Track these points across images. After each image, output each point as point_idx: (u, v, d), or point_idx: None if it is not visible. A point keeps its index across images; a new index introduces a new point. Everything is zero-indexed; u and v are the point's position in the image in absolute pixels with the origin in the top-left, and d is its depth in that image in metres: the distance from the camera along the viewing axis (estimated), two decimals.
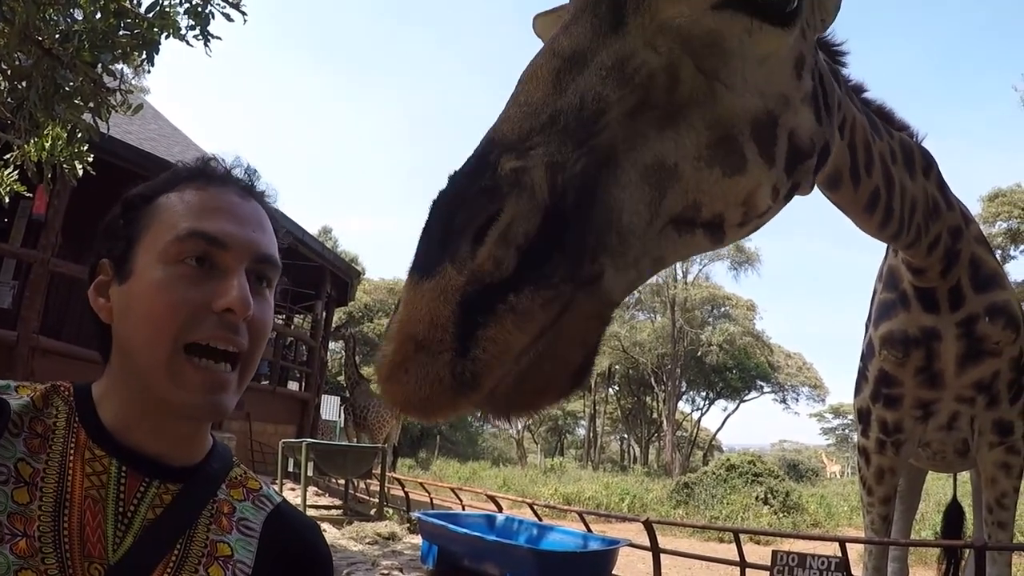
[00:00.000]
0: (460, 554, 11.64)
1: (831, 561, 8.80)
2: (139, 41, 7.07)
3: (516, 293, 1.23)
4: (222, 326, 1.47)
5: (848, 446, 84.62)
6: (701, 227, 1.66)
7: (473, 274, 1.22)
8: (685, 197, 1.58)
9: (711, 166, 1.62)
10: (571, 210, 1.33)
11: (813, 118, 1.99)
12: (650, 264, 1.55)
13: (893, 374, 5.00)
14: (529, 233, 1.26)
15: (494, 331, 1.21)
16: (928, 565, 15.79)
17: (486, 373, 1.22)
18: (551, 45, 1.57)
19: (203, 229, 1.49)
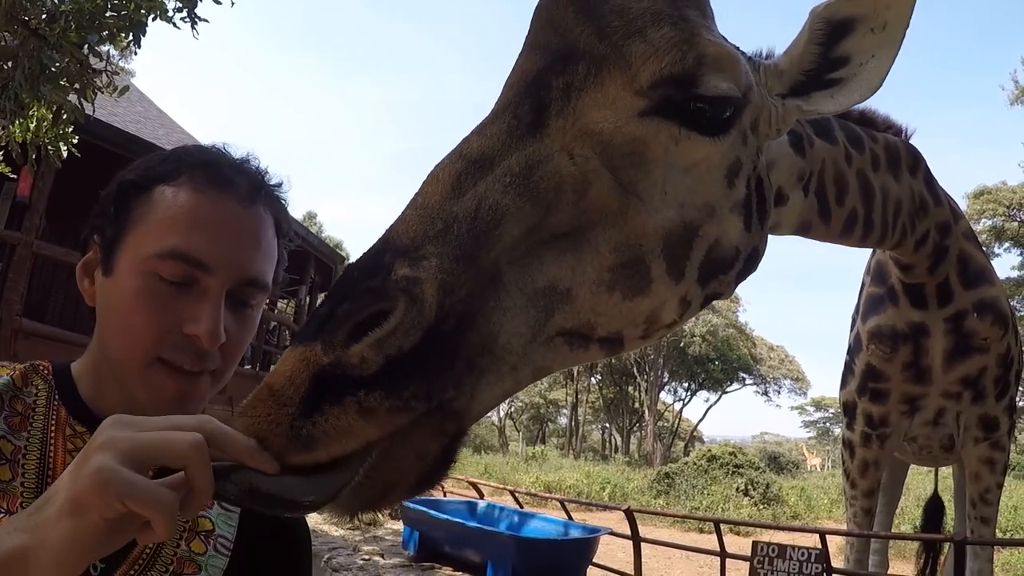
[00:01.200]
0: (441, 540, 11.65)
1: (811, 553, 8.83)
2: (126, 22, 7.03)
3: (367, 391, 1.21)
4: (190, 350, 1.47)
5: (829, 439, 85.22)
6: (596, 342, 1.57)
7: (338, 360, 1.21)
8: (577, 318, 1.49)
9: (611, 290, 1.51)
10: (449, 334, 1.30)
11: (741, 226, 1.81)
12: (530, 373, 1.47)
13: (880, 368, 5.01)
14: (404, 348, 1.24)
15: (338, 411, 1.21)
16: (906, 559, 15.88)
17: (321, 441, 1.21)
18: (460, 146, 1.52)
19: (187, 251, 1.45)
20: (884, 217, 3.52)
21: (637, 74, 1.58)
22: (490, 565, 10.36)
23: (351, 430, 1.21)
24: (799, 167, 2.60)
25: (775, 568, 8.96)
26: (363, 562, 11.46)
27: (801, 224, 2.86)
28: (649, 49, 1.59)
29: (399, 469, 1.31)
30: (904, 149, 3.86)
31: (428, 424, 1.29)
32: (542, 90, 1.55)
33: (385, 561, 11.70)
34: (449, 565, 11.42)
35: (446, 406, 1.31)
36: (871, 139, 3.51)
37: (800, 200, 2.70)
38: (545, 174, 1.47)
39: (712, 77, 1.64)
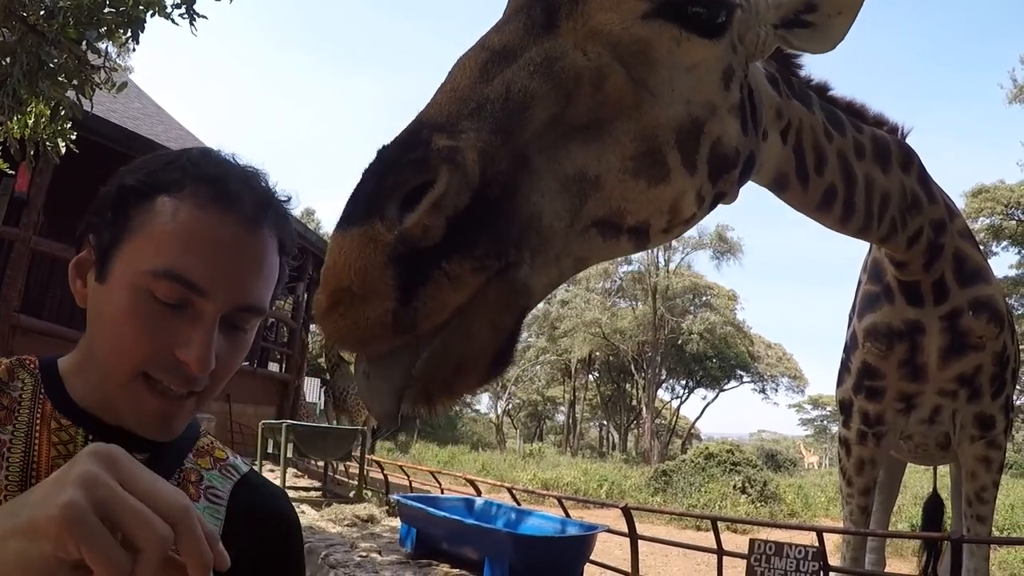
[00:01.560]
0: (439, 537, 11.64)
1: (808, 551, 8.82)
2: (124, 18, 7.02)
3: (447, 260, 1.28)
4: (179, 372, 1.43)
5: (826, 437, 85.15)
6: (626, 233, 1.71)
7: (402, 235, 1.26)
8: (608, 205, 1.63)
9: (636, 177, 1.66)
10: (496, 202, 1.38)
11: (739, 128, 2.04)
12: (572, 264, 1.61)
13: (876, 366, 5.02)
14: (459, 207, 1.30)
15: (432, 290, 1.27)
16: (904, 557, 15.93)
17: (422, 322, 1.28)
18: (481, 41, 1.62)
19: (183, 273, 1.40)
20: (868, 205, 3.54)
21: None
22: (487, 562, 10.35)
23: (447, 302, 1.30)
24: (776, 102, 2.76)
25: (772, 566, 8.95)
26: (360, 559, 11.44)
27: (779, 175, 3.00)
28: None
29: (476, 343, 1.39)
30: (895, 145, 3.88)
31: (500, 293, 1.39)
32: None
33: (382, 558, 11.69)
34: (446, 562, 11.39)
35: (512, 274, 1.40)
36: (855, 128, 3.56)
37: (779, 144, 2.87)
38: (564, 66, 1.62)
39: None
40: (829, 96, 3.49)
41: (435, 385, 1.37)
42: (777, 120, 2.78)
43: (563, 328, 65.50)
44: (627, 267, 69.08)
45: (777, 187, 3.05)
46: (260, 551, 1.64)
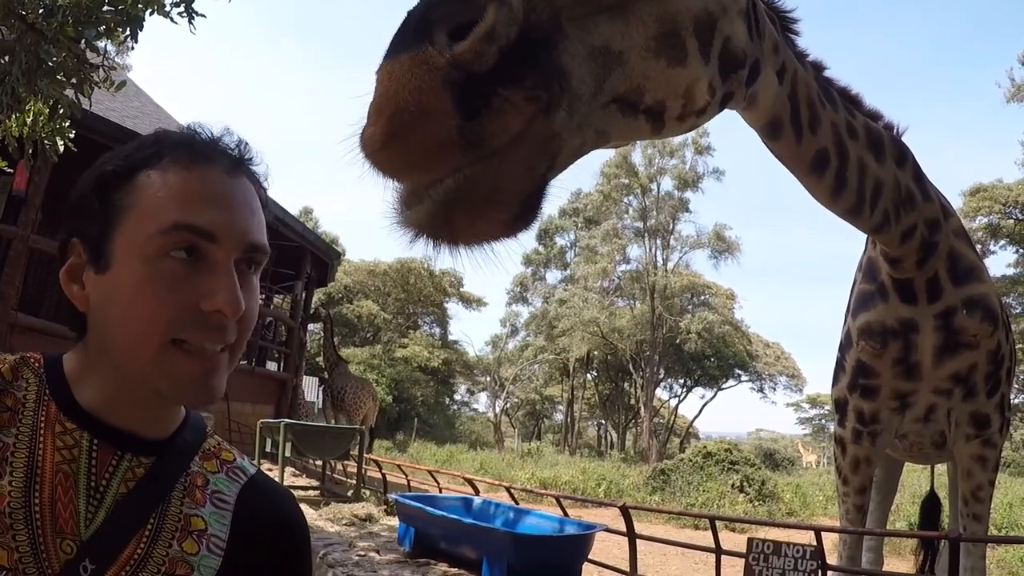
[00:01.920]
0: (437, 536, 11.65)
1: (806, 550, 8.83)
2: (123, 17, 7.01)
3: (503, 87, 1.34)
4: (210, 327, 1.42)
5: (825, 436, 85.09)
6: (643, 113, 1.80)
7: (455, 59, 1.29)
8: (629, 81, 1.72)
9: (657, 56, 1.76)
10: (538, 43, 1.44)
11: (746, 32, 2.19)
12: (594, 135, 1.68)
13: (870, 365, 5.03)
14: (509, 38, 1.35)
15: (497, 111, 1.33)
16: (902, 556, 15.93)
17: (491, 137, 1.33)
18: None
19: (191, 222, 1.41)
20: (861, 186, 3.58)
21: None
22: (486, 561, 10.35)
23: (508, 124, 1.35)
24: (774, 36, 2.86)
25: (770, 565, 8.96)
26: (358, 558, 11.45)
27: (774, 117, 3.07)
28: None
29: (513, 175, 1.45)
30: (889, 139, 3.91)
31: (540, 131, 1.44)
32: None
33: (380, 557, 11.70)
34: (444, 561, 11.41)
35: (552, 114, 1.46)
36: (848, 112, 3.61)
37: (775, 83, 2.93)
38: None
39: None
40: (825, 76, 3.53)
41: (463, 208, 1.40)
42: (774, 54, 2.84)
43: (561, 327, 65.40)
44: (625, 266, 69.19)
45: (771, 131, 3.11)
46: (267, 556, 1.62)
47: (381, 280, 71.31)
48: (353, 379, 30.72)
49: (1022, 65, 45.71)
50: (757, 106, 2.86)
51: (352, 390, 29.98)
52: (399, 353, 66.84)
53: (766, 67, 2.72)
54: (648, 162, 63.67)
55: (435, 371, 69.62)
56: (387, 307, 71.38)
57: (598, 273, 68.55)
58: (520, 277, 76.19)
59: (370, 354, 62.88)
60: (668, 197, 66.41)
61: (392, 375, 61.30)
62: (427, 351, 68.95)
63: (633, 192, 67.70)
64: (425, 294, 73.49)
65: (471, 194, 1.39)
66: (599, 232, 68.33)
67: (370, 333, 70.82)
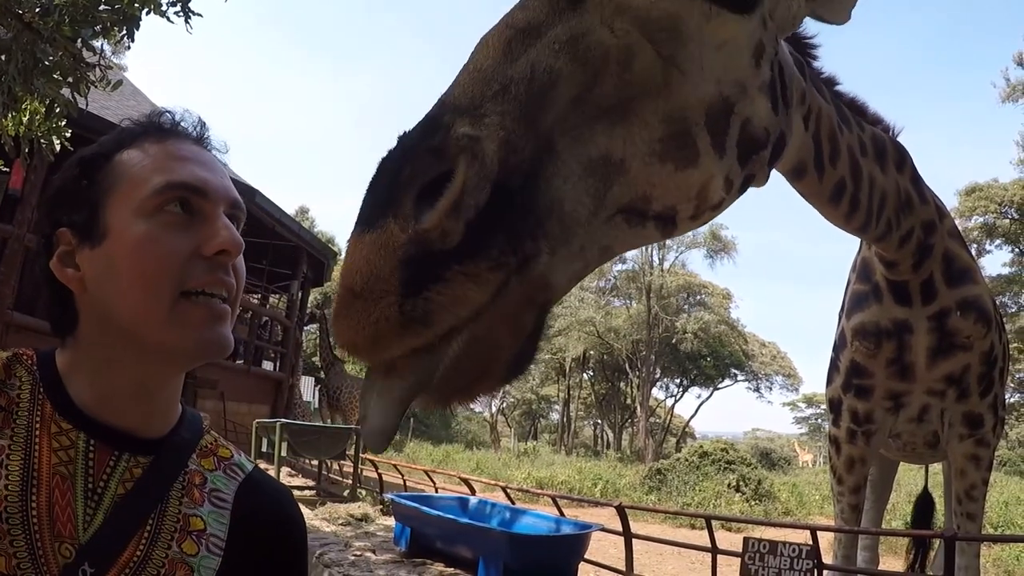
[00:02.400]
0: (433, 536, 11.63)
1: (802, 549, 8.84)
2: (120, 16, 7.01)
3: (459, 262, 1.23)
4: (214, 270, 1.45)
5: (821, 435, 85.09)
6: (652, 219, 1.64)
7: (418, 236, 1.22)
8: (634, 191, 1.56)
9: (663, 161, 1.59)
10: (516, 191, 1.32)
11: (769, 107, 1.97)
12: (598, 253, 1.54)
13: (864, 365, 5.04)
14: (479, 205, 1.25)
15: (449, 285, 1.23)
16: (898, 555, 15.91)
17: (438, 312, 1.22)
18: (505, 19, 1.56)
19: (180, 179, 1.47)
20: (870, 203, 3.56)
21: None
22: (482, 561, 10.35)
23: (465, 297, 1.24)
24: (801, 85, 2.69)
25: (766, 564, 8.98)
26: (355, 558, 11.43)
27: (798, 162, 2.97)
28: None
29: (496, 347, 1.34)
30: (891, 144, 3.90)
31: (518, 292, 1.32)
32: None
33: (376, 557, 11.68)
34: (441, 561, 11.38)
35: (531, 266, 1.33)
36: (859, 126, 3.57)
37: (801, 130, 2.82)
38: (591, 44, 1.52)
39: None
40: (836, 91, 3.50)
41: (452, 390, 1.33)
42: (800, 105, 2.73)
43: (557, 327, 65.36)
44: (621, 266, 69.14)
45: (795, 175, 3.04)
46: (266, 554, 1.63)
47: None
48: (349, 379, 30.77)
49: (1017, 65, 45.84)
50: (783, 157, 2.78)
51: (348, 389, 30.02)
52: None
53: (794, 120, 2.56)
54: None
55: None
56: None
57: (594, 273, 68.44)
58: None
59: None
60: None
61: None
62: None
63: None
64: None
65: (455, 378, 1.30)
66: None
67: None
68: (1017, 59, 45.50)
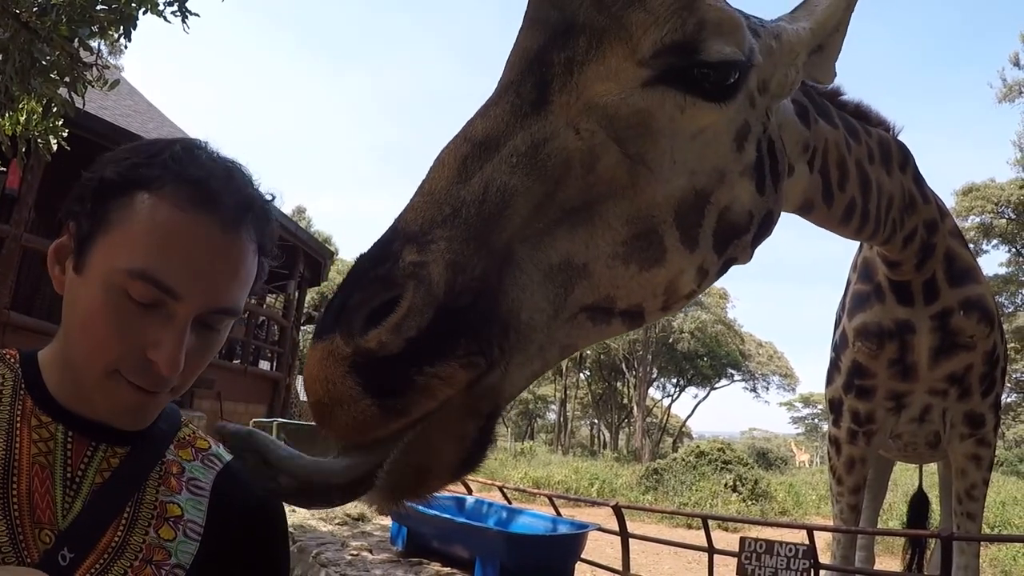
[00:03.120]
0: (429, 536, 11.64)
1: (799, 548, 8.86)
2: (117, 16, 7.00)
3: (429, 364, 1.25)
4: (149, 372, 1.45)
5: (817, 435, 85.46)
6: (618, 316, 1.59)
7: (358, 349, 1.23)
8: (597, 292, 1.51)
9: (626, 263, 1.54)
10: (466, 309, 1.31)
11: (753, 190, 1.85)
12: (558, 352, 1.51)
13: (866, 365, 5.02)
14: (421, 327, 1.25)
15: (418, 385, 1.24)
16: (894, 555, 15.95)
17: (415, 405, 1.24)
18: (464, 130, 1.52)
19: (158, 276, 1.42)
20: (878, 210, 3.54)
21: (638, 44, 1.58)
22: (478, 561, 10.36)
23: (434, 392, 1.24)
24: (804, 137, 2.60)
25: (763, 564, 8.99)
26: (351, 557, 11.44)
27: (805, 202, 2.89)
28: (649, 18, 1.58)
29: (437, 452, 1.33)
30: (895, 145, 3.88)
31: (460, 404, 1.30)
32: (544, 67, 1.55)
33: (373, 557, 11.69)
34: (437, 561, 11.41)
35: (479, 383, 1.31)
36: (866, 133, 3.53)
37: (805, 175, 2.73)
38: (552, 151, 1.47)
39: (714, 42, 1.64)
40: (840, 101, 3.47)
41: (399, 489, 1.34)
42: (803, 154, 2.63)
43: None
44: None
45: (803, 211, 2.98)
46: (244, 540, 1.67)
47: None
48: None
49: (1014, 66, 45.94)
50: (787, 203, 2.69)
51: None
52: None
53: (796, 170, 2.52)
54: None
55: None
56: None
57: None
58: None
59: None
60: None
61: None
62: None
63: None
64: None
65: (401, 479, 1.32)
66: None
67: None
68: (1014, 59, 45.63)
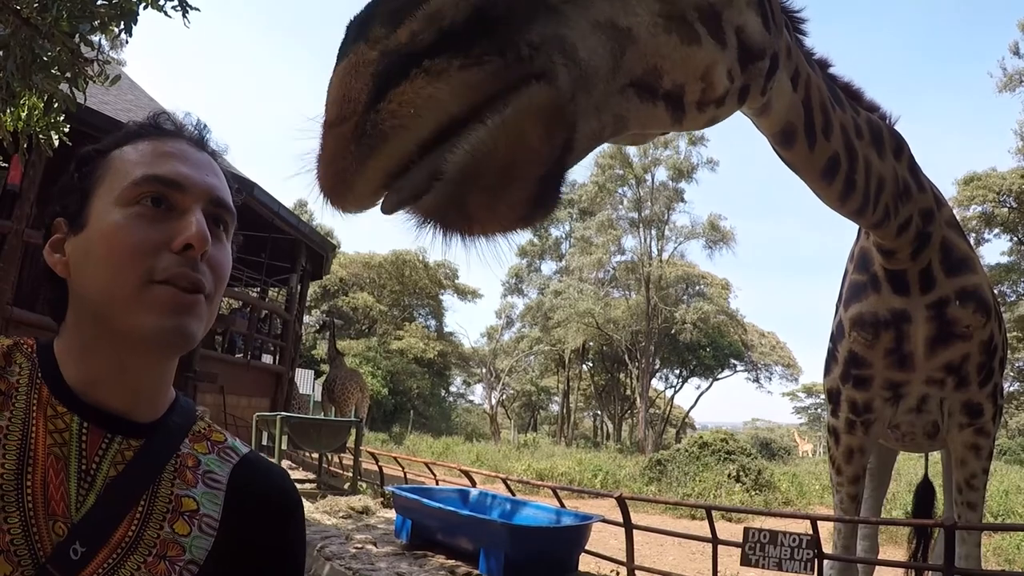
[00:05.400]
0: (434, 528, 11.66)
1: (802, 539, 8.87)
2: (117, 11, 7.01)
3: (431, 58, 1.12)
4: (183, 263, 1.47)
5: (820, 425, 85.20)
6: (663, 98, 1.62)
7: (386, 48, 1.13)
8: (645, 60, 1.52)
9: (668, 32, 1.56)
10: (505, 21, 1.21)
11: (760, 24, 1.96)
12: (612, 121, 1.48)
13: (863, 355, 5.04)
14: (456, 20, 1.15)
15: (402, 87, 1.11)
16: (898, 544, 15.97)
17: (390, 121, 1.11)
18: None
19: (159, 172, 1.52)
20: (867, 186, 3.54)
21: None
22: (483, 553, 10.38)
23: (421, 99, 1.11)
24: (786, 40, 2.64)
25: (767, 554, 9.01)
26: (356, 550, 11.45)
27: (788, 124, 2.94)
28: None
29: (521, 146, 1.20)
30: (888, 132, 3.89)
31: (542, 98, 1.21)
32: None
33: (378, 549, 11.71)
34: (442, 553, 11.42)
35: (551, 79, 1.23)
36: (853, 110, 3.56)
37: (788, 88, 2.80)
38: None
39: None
40: (829, 73, 3.49)
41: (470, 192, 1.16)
42: (787, 59, 2.70)
43: (556, 318, 65.43)
44: (620, 257, 69.28)
45: (784, 140, 3.01)
46: (261, 533, 1.65)
47: (376, 272, 71.43)
48: (344, 370, 30.95)
49: (1014, 55, 45.87)
50: (771, 113, 2.76)
51: (341, 381, 30.19)
52: (395, 345, 66.97)
53: (781, 69, 2.55)
54: (642, 152, 63.50)
55: (431, 363, 69.76)
56: (382, 299, 71.50)
57: (593, 264, 68.68)
58: (515, 268, 76.25)
59: (366, 346, 63.01)
60: (662, 187, 66.49)
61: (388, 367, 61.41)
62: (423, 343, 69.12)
63: (628, 182, 67.70)
64: (420, 286, 73.59)
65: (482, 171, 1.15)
66: (594, 223, 68.38)
67: (366, 325, 70.89)
68: (1014, 49, 45.57)
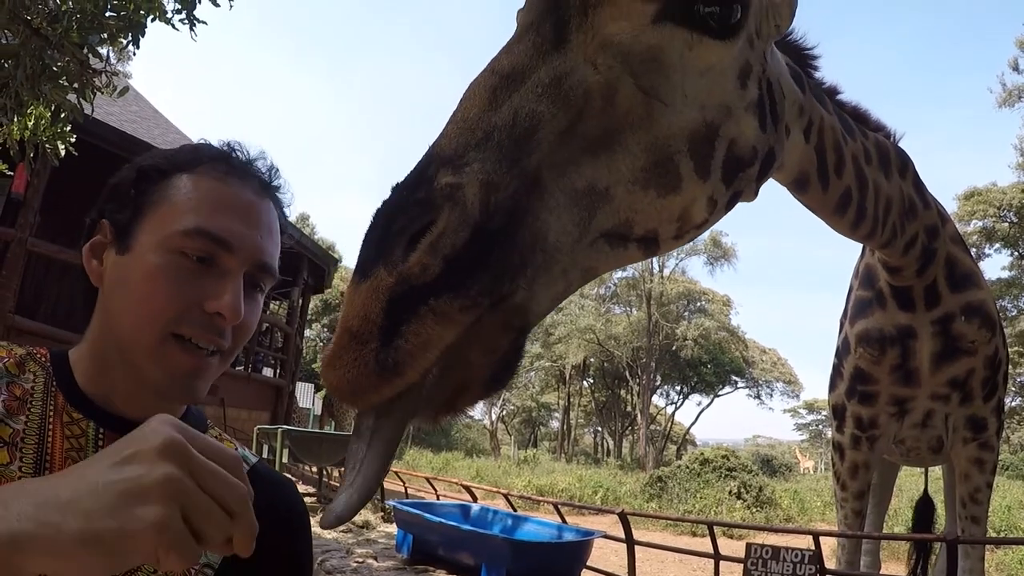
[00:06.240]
0: (435, 543, 11.65)
1: (804, 554, 8.86)
2: (126, 23, 7.05)
3: (436, 297, 1.27)
4: (209, 327, 1.49)
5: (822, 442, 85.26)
6: (634, 242, 1.68)
7: (401, 276, 1.26)
8: (617, 216, 1.60)
9: (645, 188, 1.63)
10: (499, 230, 1.37)
11: (757, 126, 1.98)
12: (580, 275, 1.58)
13: (868, 371, 5.04)
14: (456, 245, 1.30)
15: (416, 326, 1.26)
16: (899, 559, 15.94)
17: (407, 361, 1.25)
18: (491, 64, 1.60)
19: (212, 230, 1.50)
20: (876, 210, 3.55)
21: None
22: (484, 568, 10.38)
23: (431, 339, 1.27)
24: (798, 97, 2.69)
25: (769, 570, 9.00)
26: (357, 565, 11.45)
27: (800, 174, 2.96)
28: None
29: (470, 366, 1.37)
30: (894, 151, 3.90)
31: (494, 319, 1.36)
32: (560, 9, 1.62)
33: (379, 564, 11.70)
34: (443, 568, 11.42)
35: (508, 300, 1.37)
36: (862, 134, 3.55)
37: (801, 142, 2.82)
38: (574, 83, 1.55)
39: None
40: (837, 100, 3.50)
41: (434, 407, 1.38)
42: (799, 117, 2.74)
43: (557, 334, 65.48)
44: (621, 273, 69.15)
45: (798, 187, 3.04)
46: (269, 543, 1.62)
47: None
48: None
49: (1013, 70, 45.98)
50: (784, 169, 2.77)
51: None
52: None
53: (792, 133, 2.62)
54: None
55: None
56: None
57: (594, 280, 68.60)
58: None
59: None
60: None
61: None
62: None
63: None
64: None
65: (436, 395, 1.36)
66: None
67: None
68: (1013, 64, 45.67)
